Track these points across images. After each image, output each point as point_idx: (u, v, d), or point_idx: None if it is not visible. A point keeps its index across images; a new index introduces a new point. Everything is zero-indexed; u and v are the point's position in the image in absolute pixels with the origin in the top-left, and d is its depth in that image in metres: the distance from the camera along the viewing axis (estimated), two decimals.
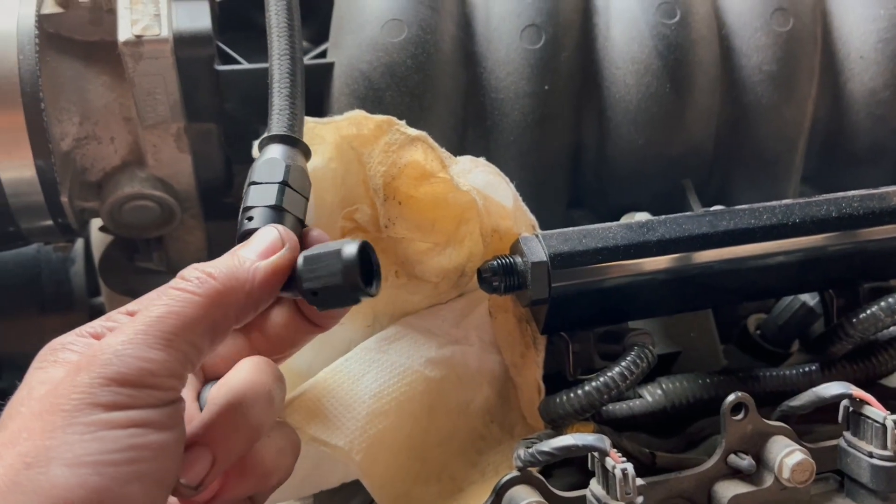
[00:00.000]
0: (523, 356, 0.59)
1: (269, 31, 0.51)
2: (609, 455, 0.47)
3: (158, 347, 0.38)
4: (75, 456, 0.35)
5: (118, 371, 0.37)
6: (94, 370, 0.37)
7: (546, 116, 0.68)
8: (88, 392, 0.36)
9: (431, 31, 0.65)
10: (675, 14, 0.69)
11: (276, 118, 0.48)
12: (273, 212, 0.44)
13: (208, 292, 0.39)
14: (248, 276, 0.41)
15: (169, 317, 0.38)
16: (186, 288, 0.39)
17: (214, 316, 0.39)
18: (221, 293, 0.40)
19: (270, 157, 0.47)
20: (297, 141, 0.48)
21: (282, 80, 0.49)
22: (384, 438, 0.52)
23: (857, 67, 0.74)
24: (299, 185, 0.46)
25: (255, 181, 0.46)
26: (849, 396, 0.52)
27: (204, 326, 0.39)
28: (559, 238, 0.54)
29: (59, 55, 0.68)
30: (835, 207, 0.59)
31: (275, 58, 0.49)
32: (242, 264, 0.41)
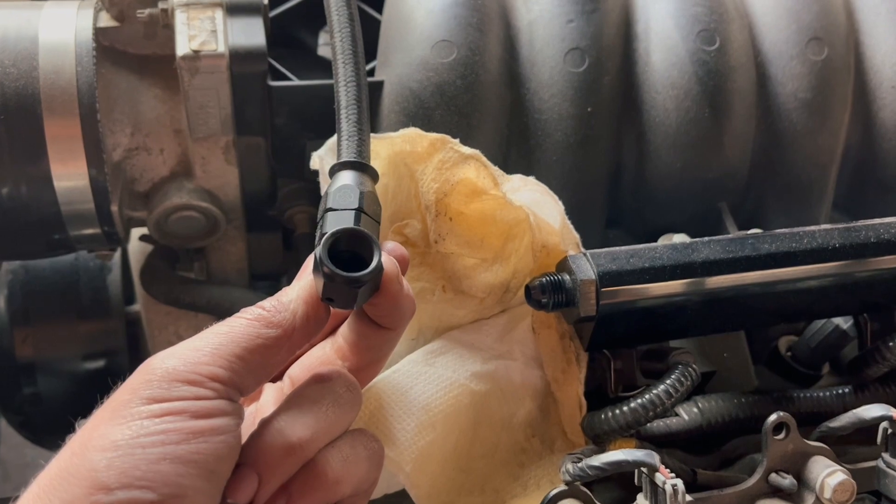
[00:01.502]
0: (565, 372, 0.60)
1: (335, 56, 0.52)
2: (658, 470, 0.48)
3: (205, 356, 0.41)
4: (109, 441, 0.38)
5: (161, 368, 0.40)
6: (143, 372, 0.41)
7: (588, 138, 0.69)
8: (132, 389, 0.40)
9: (480, 52, 0.67)
10: (714, 41, 0.70)
11: (345, 144, 0.50)
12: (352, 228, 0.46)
13: (256, 315, 0.44)
14: (291, 297, 0.45)
15: (218, 334, 0.43)
16: (239, 315, 0.44)
17: (262, 333, 0.43)
18: (267, 316, 0.44)
19: (344, 183, 0.48)
20: (367, 166, 0.50)
21: (349, 107, 0.50)
22: (432, 450, 0.53)
23: (889, 97, 0.75)
24: (373, 211, 0.48)
25: (331, 208, 0.47)
26: (889, 419, 0.53)
27: (251, 343, 0.43)
28: (607, 257, 0.56)
29: (113, 68, 0.70)
30: (873, 233, 0.60)
31: (341, 84, 0.51)
32: (286, 293, 0.46)
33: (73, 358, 0.87)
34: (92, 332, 0.88)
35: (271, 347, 0.43)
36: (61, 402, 0.89)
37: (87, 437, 0.39)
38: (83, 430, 0.40)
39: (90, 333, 0.87)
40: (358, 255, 0.45)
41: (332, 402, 0.45)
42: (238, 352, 0.42)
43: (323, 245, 0.44)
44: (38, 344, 0.86)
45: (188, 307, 0.75)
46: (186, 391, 0.40)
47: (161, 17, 0.67)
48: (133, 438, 0.38)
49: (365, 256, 0.45)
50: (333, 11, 0.54)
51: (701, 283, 0.57)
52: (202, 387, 0.40)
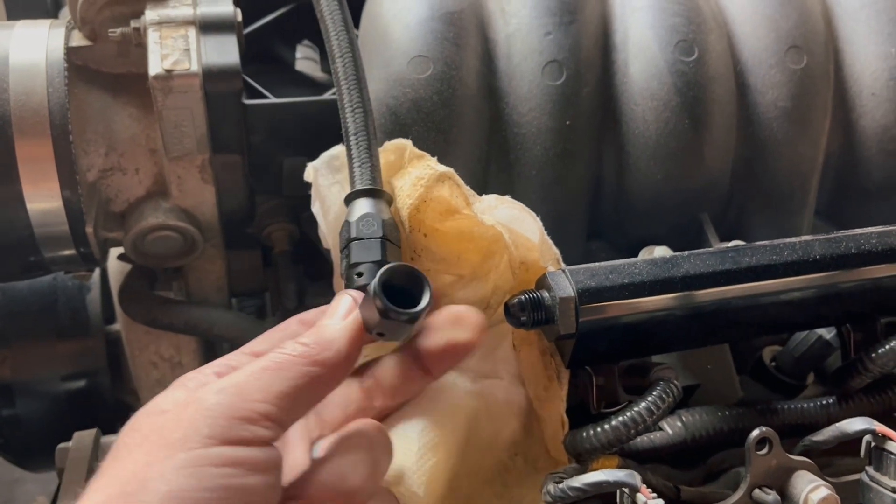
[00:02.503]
0: (547, 389, 0.60)
1: (338, 82, 0.53)
2: (640, 491, 0.48)
3: (258, 393, 0.41)
4: (170, 490, 0.36)
5: (220, 404, 0.39)
6: (200, 404, 0.40)
7: (567, 151, 0.68)
8: (191, 425, 0.39)
9: (456, 67, 0.66)
10: (693, 52, 0.70)
11: (358, 172, 0.50)
12: (379, 267, 0.47)
13: (300, 353, 0.43)
14: (336, 336, 0.45)
15: (265, 370, 0.42)
16: (282, 350, 0.44)
17: (308, 372, 0.43)
18: (312, 354, 0.44)
19: (365, 212, 0.49)
20: (382, 192, 0.51)
21: (358, 134, 0.51)
22: (438, 472, 0.53)
23: (870, 104, 0.75)
24: (395, 237, 0.50)
25: (356, 237, 0.48)
26: (872, 432, 0.53)
27: (298, 381, 0.42)
28: (586, 273, 0.55)
29: (86, 87, 0.69)
30: (854, 244, 0.60)
31: (347, 111, 0.51)
32: (328, 329, 0.46)
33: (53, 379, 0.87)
34: (71, 352, 0.87)
35: (317, 386, 0.43)
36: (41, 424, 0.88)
37: (142, 476, 0.37)
38: (130, 459, 0.38)
39: (69, 354, 0.87)
40: (399, 287, 0.46)
41: (383, 450, 0.46)
42: (286, 389, 0.42)
43: (378, 281, 0.45)
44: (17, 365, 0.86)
45: (166, 328, 0.74)
46: (246, 432, 0.39)
47: (134, 36, 0.66)
48: (195, 491, 0.37)
49: (412, 290, 0.47)
50: (333, 37, 0.54)
51: (681, 297, 0.56)
52: (258, 425, 0.40)
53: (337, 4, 0.56)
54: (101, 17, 0.68)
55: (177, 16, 0.66)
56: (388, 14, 0.69)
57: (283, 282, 0.74)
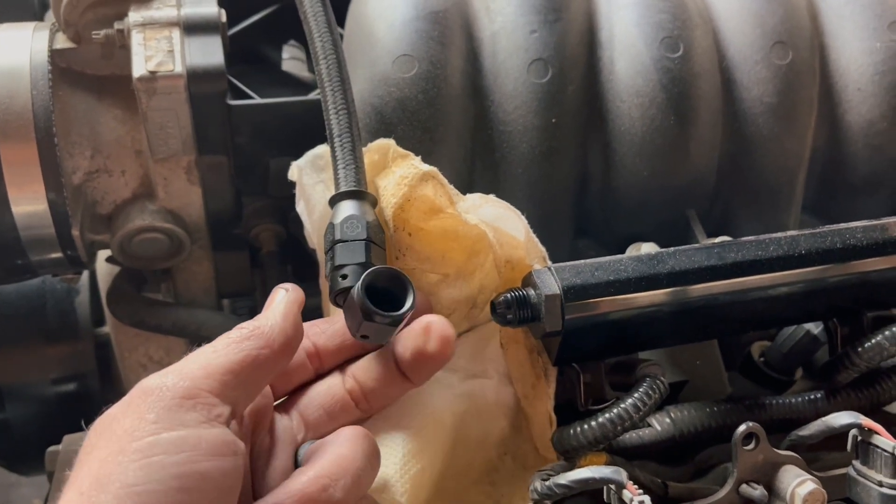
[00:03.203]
0: (534, 387, 0.60)
1: (322, 84, 0.53)
2: (626, 487, 0.48)
3: (198, 370, 0.42)
4: (125, 484, 0.36)
5: (162, 386, 0.40)
6: (144, 391, 0.40)
7: (553, 149, 0.68)
8: (137, 414, 0.39)
9: (441, 66, 0.66)
10: (678, 48, 0.70)
11: (342, 174, 0.51)
12: (363, 269, 0.47)
13: (237, 334, 0.45)
14: (270, 314, 0.47)
15: (205, 353, 0.44)
16: (221, 337, 0.45)
17: (245, 346, 0.44)
18: (247, 331, 0.45)
19: (349, 214, 0.50)
20: (366, 194, 0.51)
21: (342, 135, 0.51)
22: (423, 477, 0.53)
23: (855, 99, 0.75)
24: (379, 239, 0.50)
25: (340, 239, 0.48)
26: (858, 426, 0.53)
27: (237, 356, 0.44)
28: (571, 271, 0.55)
29: (70, 90, 0.69)
30: (839, 238, 0.60)
31: (332, 112, 0.51)
32: (264, 313, 0.47)
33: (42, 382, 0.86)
34: (60, 355, 0.87)
35: (258, 362, 0.44)
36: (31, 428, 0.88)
37: (95, 475, 0.37)
38: (87, 461, 0.38)
39: (58, 357, 0.86)
40: (384, 289, 0.47)
41: (369, 461, 0.46)
42: (227, 365, 0.42)
43: (361, 285, 0.46)
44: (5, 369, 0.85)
45: (154, 329, 0.74)
46: (192, 411, 0.39)
47: (117, 38, 0.66)
48: (148, 483, 0.36)
49: (396, 292, 0.48)
50: (316, 38, 0.54)
51: (667, 294, 0.56)
52: (203, 402, 0.40)
53: (320, 5, 0.56)
54: (85, 20, 0.67)
55: (160, 17, 0.66)
56: (373, 13, 0.69)
57: (270, 282, 0.74)
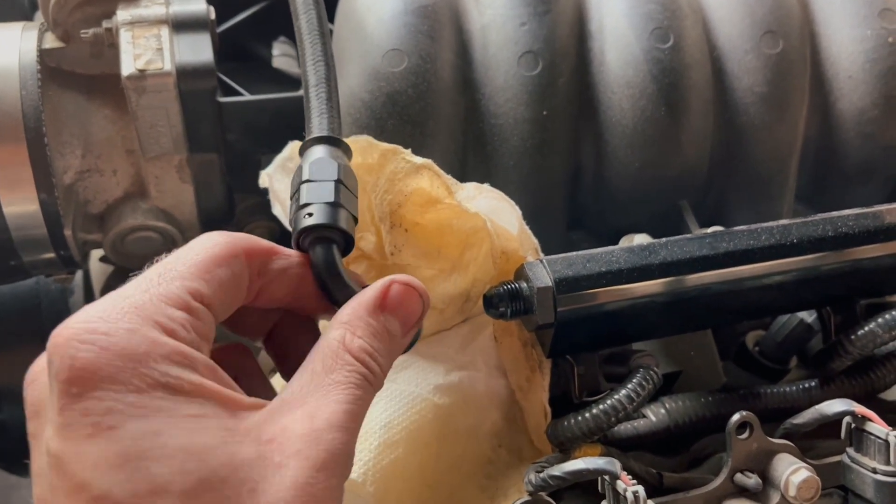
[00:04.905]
0: (529, 380, 0.60)
1: (301, 38, 0.50)
2: (620, 478, 0.48)
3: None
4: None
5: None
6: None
7: (545, 141, 0.68)
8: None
9: (431, 60, 0.66)
10: (668, 39, 0.70)
11: (316, 120, 0.48)
12: (331, 208, 0.44)
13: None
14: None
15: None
16: None
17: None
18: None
19: (319, 156, 0.46)
20: (340, 141, 0.48)
21: (318, 85, 0.48)
22: (396, 469, 0.53)
23: (846, 87, 0.75)
24: (351, 184, 0.47)
25: (308, 179, 0.45)
26: (851, 413, 0.53)
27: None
28: (563, 263, 0.55)
29: (60, 89, 0.69)
30: (831, 227, 0.60)
31: (309, 63, 0.49)
32: None
33: None
34: None
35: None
36: None
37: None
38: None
39: None
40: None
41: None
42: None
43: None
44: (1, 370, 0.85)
45: None
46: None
47: (106, 37, 0.66)
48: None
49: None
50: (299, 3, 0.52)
51: (660, 284, 0.56)
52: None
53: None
54: (73, 19, 0.67)
55: (149, 15, 0.66)
56: (363, 8, 0.69)
57: None
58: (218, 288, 0.39)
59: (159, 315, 0.36)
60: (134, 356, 0.35)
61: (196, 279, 0.39)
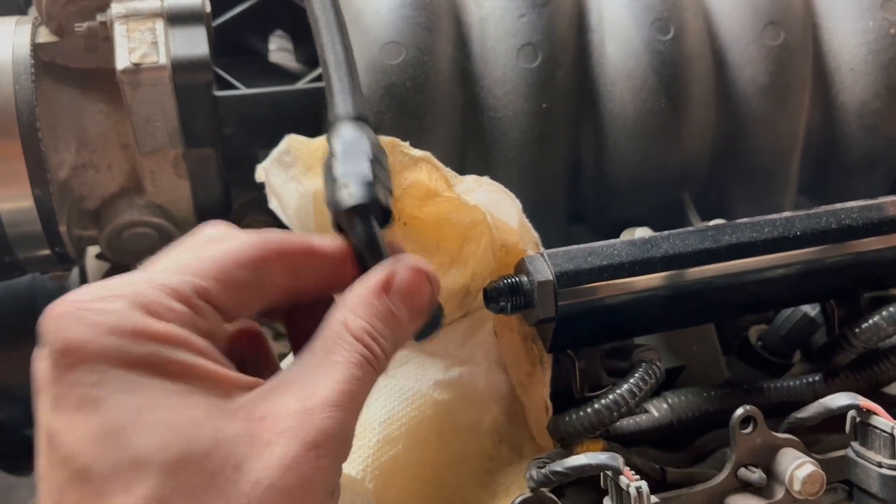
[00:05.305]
0: (530, 375, 0.59)
1: (314, 18, 0.50)
2: (623, 473, 0.47)
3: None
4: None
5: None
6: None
7: (544, 134, 0.68)
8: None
9: (429, 52, 0.65)
10: (669, 30, 0.69)
11: (340, 98, 0.47)
12: (370, 185, 0.43)
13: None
14: None
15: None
16: None
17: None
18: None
19: (350, 133, 0.45)
20: (368, 119, 0.47)
21: (339, 65, 0.48)
22: (395, 465, 0.52)
23: (849, 79, 0.75)
24: (382, 158, 0.46)
25: (340, 153, 0.44)
26: (856, 407, 0.53)
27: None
28: (564, 256, 0.54)
29: (55, 84, 0.68)
30: (834, 219, 0.59)
31: (328, 47, 0.48)
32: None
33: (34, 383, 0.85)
34: None
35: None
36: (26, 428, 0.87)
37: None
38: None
39: None
40: None
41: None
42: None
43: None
44: None
45: None
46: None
47: (100, 30, 0.65)
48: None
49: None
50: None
51: (662, 278, 0.56)
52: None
53: None
54: (67, 12, 0.67)
55: (143, 8, 0.65)
56: (359, 1, 0.68)
57: None
58: (234, 290, 0.38)
59: (156, 304, 0.35)
60: (124, 333, 0.34)
61: (207, 278, 0.37)
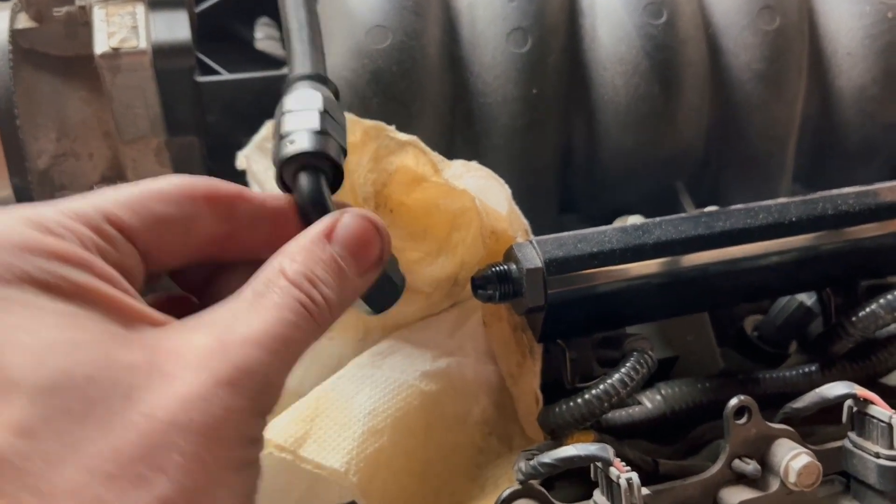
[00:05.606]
0: (520, 365, 0.58)
1: None
2: (613, 465, 0.46)
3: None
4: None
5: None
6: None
7: (535, 120, 0.66)
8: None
9: (416, 36, 0.64)
10: (661, 14, 0.68)
11: (299, 58, 0.46)
12: (316, 135, 0.41)
13: None
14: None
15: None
16: None
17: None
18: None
19: (303, 89, 0.44)
20: (326, 80, 0.45)
21: (301, 30, 0.47)
22: (381, 457, 0.51)
23: (846, 64, 0.73)
24: (338, 115, 0.43)
25: (289, 110, 0.42)
26: (853, 396, 0.51)
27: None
28: (553, 243, 0.53)
29: (34, 71, 0.67)
30: (830, 205, 0.58)
31: (291, 10, 0.48)
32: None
33: None
34: None
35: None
36: None
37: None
38: None
39: None
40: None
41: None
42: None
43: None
44: None
45: None
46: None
47: (79, 15, 0.64)
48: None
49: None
50: None
51: (654, 265, 0.54)
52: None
53: None
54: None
55: None
56: None
57: None
58: (153, 224, 0.35)
59: (54, 222, 0.32)
60: (5, 246, 0.30)
61: (121, 207, 0.34)
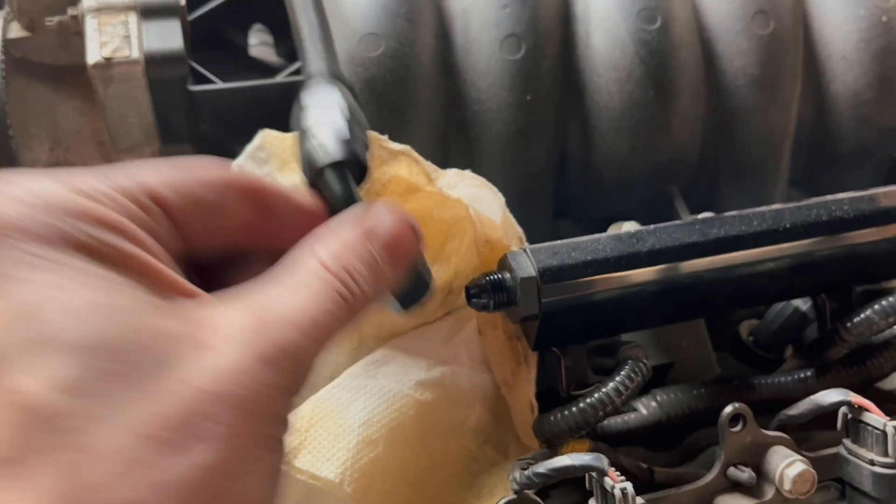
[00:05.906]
0: (514, 373, 0.58)
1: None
2: (607, 474, 0.46)
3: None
4: None
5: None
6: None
7: (529, 127, 0.66)
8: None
9: (409, 44, 0.64)
10: (655, 20, 0.68)
11: (313, 56, 0.46)
12: (346, 143, 0.41)
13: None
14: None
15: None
16: None
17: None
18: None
19: (321, 86, 0.44)
20: (343, 80, 0.46)
21: (312, 29, 0.47)
22: (376, 468, 0.51)
23: (840, 68, 0.73)
24: (357, 113, 0.44)
25: (308, 104, 0.43)
26: (847, 403, 0.51)
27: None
28: (547, 252, 0.53)
29: (27, 80, 0.67)
30: (825, 211, 0.58)
31: (300, 11, 0.48)
32: None
33: None
34: None
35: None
36: None
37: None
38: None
39: None
40: None
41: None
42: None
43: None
44: None
45: None
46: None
47: (72, 25, 0.64)
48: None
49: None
50: None
51: (648, 273, 0.54)
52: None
53: None
54: (39, 7, 0.65)
55: (116, 2, 0.63)
56: None
57: None
58: (193, 206, 0.34)
59: (97, 191, 0.31)
60: (48, 208, 0.30)
61: (163, 185, 0.33)
